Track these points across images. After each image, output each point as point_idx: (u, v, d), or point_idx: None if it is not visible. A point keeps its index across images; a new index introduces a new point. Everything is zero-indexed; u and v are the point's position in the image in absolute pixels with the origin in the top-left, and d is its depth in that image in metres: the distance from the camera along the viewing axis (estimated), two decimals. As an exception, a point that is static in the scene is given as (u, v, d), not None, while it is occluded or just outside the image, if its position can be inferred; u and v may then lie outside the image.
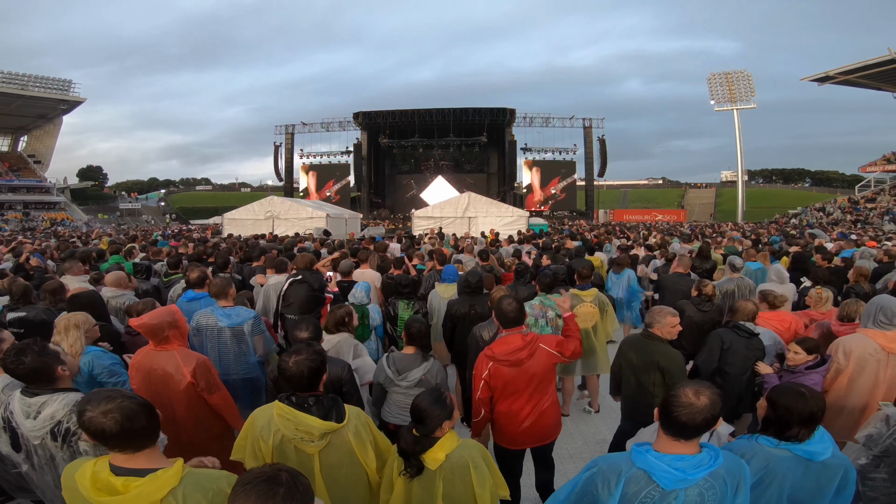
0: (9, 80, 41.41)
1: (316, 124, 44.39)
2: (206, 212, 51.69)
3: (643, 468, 1.57)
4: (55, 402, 1.91)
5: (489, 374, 2.72)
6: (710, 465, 1.55)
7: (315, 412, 1.93)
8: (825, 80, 37.94)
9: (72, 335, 2.61)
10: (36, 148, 49.27)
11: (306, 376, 1.96)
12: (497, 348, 2.75)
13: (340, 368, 2.73)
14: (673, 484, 1.53)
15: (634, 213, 51.52)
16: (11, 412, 1.94)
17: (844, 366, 2.97)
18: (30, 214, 41.73)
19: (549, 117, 42.52)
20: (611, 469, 1.62)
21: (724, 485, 1.57)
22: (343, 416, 1.98)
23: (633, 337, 3.32)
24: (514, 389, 2.74)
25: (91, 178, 68.58)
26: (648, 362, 3.03)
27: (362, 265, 5.83)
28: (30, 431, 1.90)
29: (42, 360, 1.95)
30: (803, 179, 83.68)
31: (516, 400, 2.76)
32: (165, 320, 2.63)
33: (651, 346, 3.08)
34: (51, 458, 1.93)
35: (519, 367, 2.71)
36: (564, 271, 5.16)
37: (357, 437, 1.99)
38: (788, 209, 44.39)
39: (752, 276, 6.12)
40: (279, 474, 1.26)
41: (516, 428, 2.79)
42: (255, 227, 15.55)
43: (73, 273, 5.00)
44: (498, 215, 16.16)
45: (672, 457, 1.57)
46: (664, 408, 1.60)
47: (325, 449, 1.94)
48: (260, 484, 1.22)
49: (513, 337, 2.78)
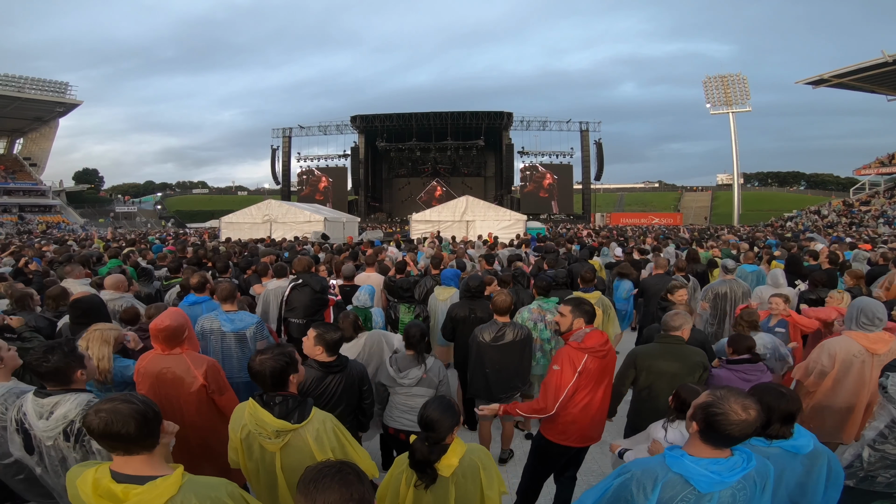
0: (5, 83, 41.34)
1: (313, 127, 44.58)
2: (202, 215, 51.59)
3: (680, 472, 1.61)
4: (68, 402, 1.94)
5: (584, 367, 2.74)
6: (744, 467, 1.61)
7: (276, 411, 1.99)
8: (820, 84, 38.19)
9: (100, 350, 2.67)
10: (32, 151, 49.14)
11: (268, 375, 2.03)
12: (588, 342, 2.77)
13: (362, 370, 2.83)
14: (710, 487, 1.58)
15: (631, 217, 51.67)
16: (25, 413, 1.96)
17: (829, 368, 3.05)
18: (25, 218, 41.52)
19: (546, 121, 42.83)
20: (646, 474, 1.65)
21: (754, 485, 1.64)
22: (304, 419, 2.02)
23: (653, 348, 3.16)
24: (597, 383, 2.82)
25: (87, 181, 68.37)
26: (693, 364, 2.97)
27: (367, 268, 5.87)
28: (42, 432, 1.92)
29: (66, 361, 1.99)
30: (799, 182, 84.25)
31: (596, 392, 2.83)
32: (183, 324, 2.67)
33: (687, 349, 3.04)
34: (62, 459, 1.95)
35: (604, 360, 2.81)
36: (564, 275, 5.21)
37: (317, 441, 2.01)
38: (784, 212, 44.62)
39: (747, 279, 6.18)
40: (341, 466, 1.36)
41: (589, 423, 2.86)
42: (252, 230, 15.52)
43: (74, 276, 5.00)
44: (496, 219, 16.18)
45: (708, 461, 1.61)
46: (710, 423, 1.59)
47: (284, 448, 2.00)
48: (334, 475, 1.31)
49: (597, 331, 2.87)
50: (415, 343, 3.14)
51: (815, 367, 3.10)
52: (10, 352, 2.33)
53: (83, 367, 2.08)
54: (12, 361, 2.33)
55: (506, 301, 3.61)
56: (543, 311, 4.23)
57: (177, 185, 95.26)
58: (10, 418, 2.04)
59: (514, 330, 3.60)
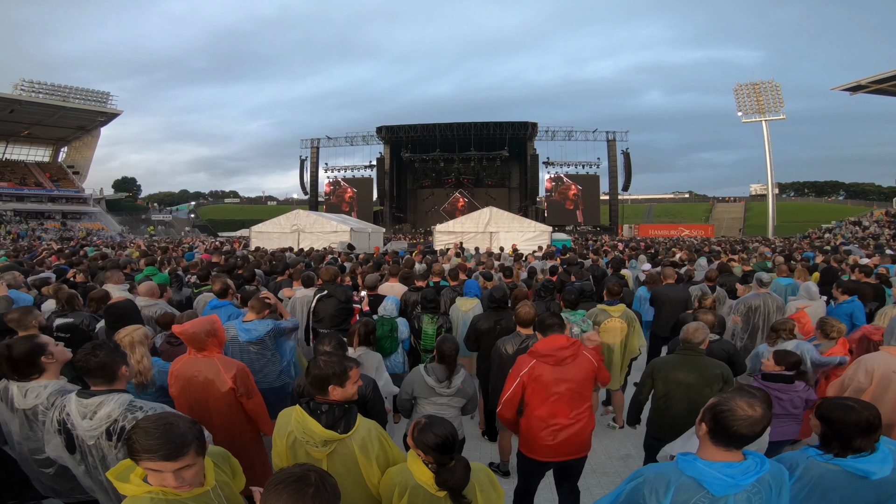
0: (51, 92, 43.29)
1: (340, 138, 45.34)
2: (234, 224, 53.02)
3: (692, 476, 1.61)
4: (111, 402, 2.03)
5: (528, 373, 2.69)
6: (758, 471, 1.60)
7: (323, 420, 2.01)
8: (857, 90, 36.86)
9: (138, 351, 2.78)
10: (75, 159, 51.30)
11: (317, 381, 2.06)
12: (541, 346, 2.75)
13: (365, 384, 2.79)
14: (724, 490, 1.57)
15: (660, 228, 50.60)
16: (68, 414, 2.05)
17: (866, 385, 2.91)
18: (67, 224, 43.50)
19: (571, 130, 42.50)
20: (658, 478, 1.65)
21: (770, 489, 1.62)
22: (350, 428, 2.03)
23: (671, 359, 3.21)
24: (555, 392, 2.70)
25: (126, 189, 71.39)
26: (711, 376, 2.99)
27: (390, 279, 5.93)
28: (86, 432, 2.01)
29: (112, 358, 2.10)
30: (837, 192, 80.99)
31: (557, 404, 2.72)
32: (206, 329, 2.77)
33: (706, 360, 3.07)
34: (103, 458, 2.04)
35: (561, 366, 2.70)
36: (591, 288, 5.17)
37: (363, 450, 2.02)
38: (822, 223, 42.96)
39: (781, 292, 5.99)
40: (308, 474, 1.32)
41: (552, 437, 2.75)
42: (281, 240, 15.87)
43: (113, 282, 5.22)
44: (520, 230, 16.02)
45: (721, 464, 1.61)
46: (718, 421, 1.63)
47: (330, 456, 2.01)
48: (291, 484, 1.28)
49: (557, 336, 2.79)
50: (447, 358, 3.10)
51: (851, 383, 2.97)
52: (57, 347, 2.46)
53: (127, 364, 2.18)
54: (62, 356, 2.45)
55: (529, 313, 3.60)
56: (570, 323, 4.19)
57: (209, 195, 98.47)
58: (50, 419, 2.13)
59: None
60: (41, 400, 2.29)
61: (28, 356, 2.31)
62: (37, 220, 42.69)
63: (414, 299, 5.20)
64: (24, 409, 2.30)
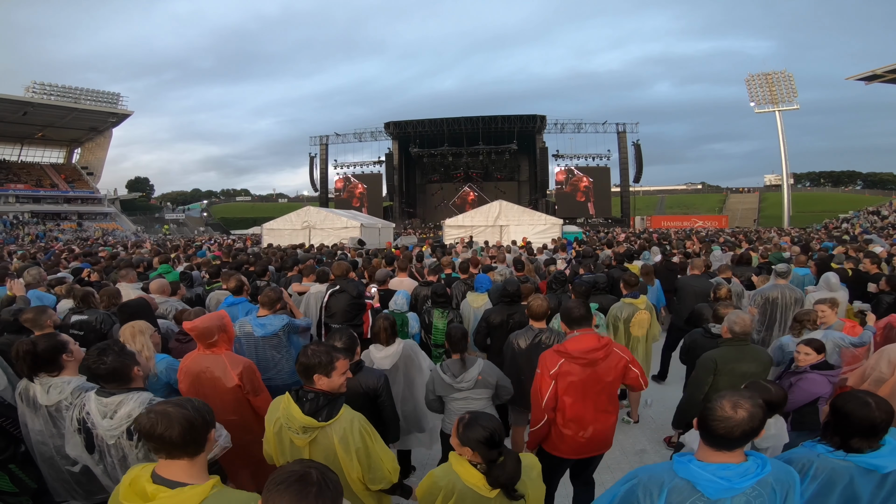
0: (63, 94, 43.83)
1: (349, 135, 45.40)
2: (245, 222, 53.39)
3: (686, 478, 1.55)
4: (131, 401, 2.04)
5: (558, 372, 2.61)
6: (757, 473, 1.53)
7: (306, 407, 2.01)
8: (873, 79, 35.97)
9: (139, 341, 2.79)
10: (89, 160, 51.90)
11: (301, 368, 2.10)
12: (571, 346, 2.65)
13: (376, 379, 2.80)
14: (718, 493, 1.51)
15: (672, 220, 49.97)
16: (88, 413, 2.07)
17: (888, 375, 2.87)
18: (83, 225, 44.17)
19: (580, 123, 42.11)
20: (652, 480, 1.61)
21: (773, 493, 1.55)
22: (331, 418, 2.02)
23: (728, 352, 3.11)
24: (584, 393, 2.64)
25: (139, 189, 72.26)
26: (766, 363, 3.06)
27: (399, 274, 5.92)
28: (106, 431, 2.02)
29: (121, 361, 2.10)
30: (854, 182, 79.34)
31: (584, 405, 2.66)
32: (215, 324, 2.78)
33: (757, 349, 3.13)
34: (123, 457, 2.05)
35: (593, 367, 2.63)
36: (604, 280, 5.11)
37: (343, 442, 2.01)
38: (839, 213, 42.10)
39: (798, 282, 5.88)
40: (309, 472, 1.29)
41: (578, 436, 2.71)
42: (292, 236, 15.96)
43: (127, 280, 5.28)
44: (530, 223, 15.92)
45: (717, 466, 1.55)
46: (703, 419, 1.59)
47: (312, 444, 2.02)
48: (293, 483, 1.25)
49: (588, 336, 2.71)
50: (458, 343, 3.10)
51: (872, 373, 2.92)
52: (75, 345, 2.49)
53: (138, 364, 2.18)
54: (79, 354, 2.47)
55: (542, 306, 3.53)
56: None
57: (221, 193, 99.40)
58: (70, 418, 2.14)
59: (551, 336, 3.50)
60: (65, 395, 2.32)
61: (51, 353, 2.35)
62: (53, 221, 43.37)
63: (424, 294, 5.19)
64: (48, 405, 2.33)
